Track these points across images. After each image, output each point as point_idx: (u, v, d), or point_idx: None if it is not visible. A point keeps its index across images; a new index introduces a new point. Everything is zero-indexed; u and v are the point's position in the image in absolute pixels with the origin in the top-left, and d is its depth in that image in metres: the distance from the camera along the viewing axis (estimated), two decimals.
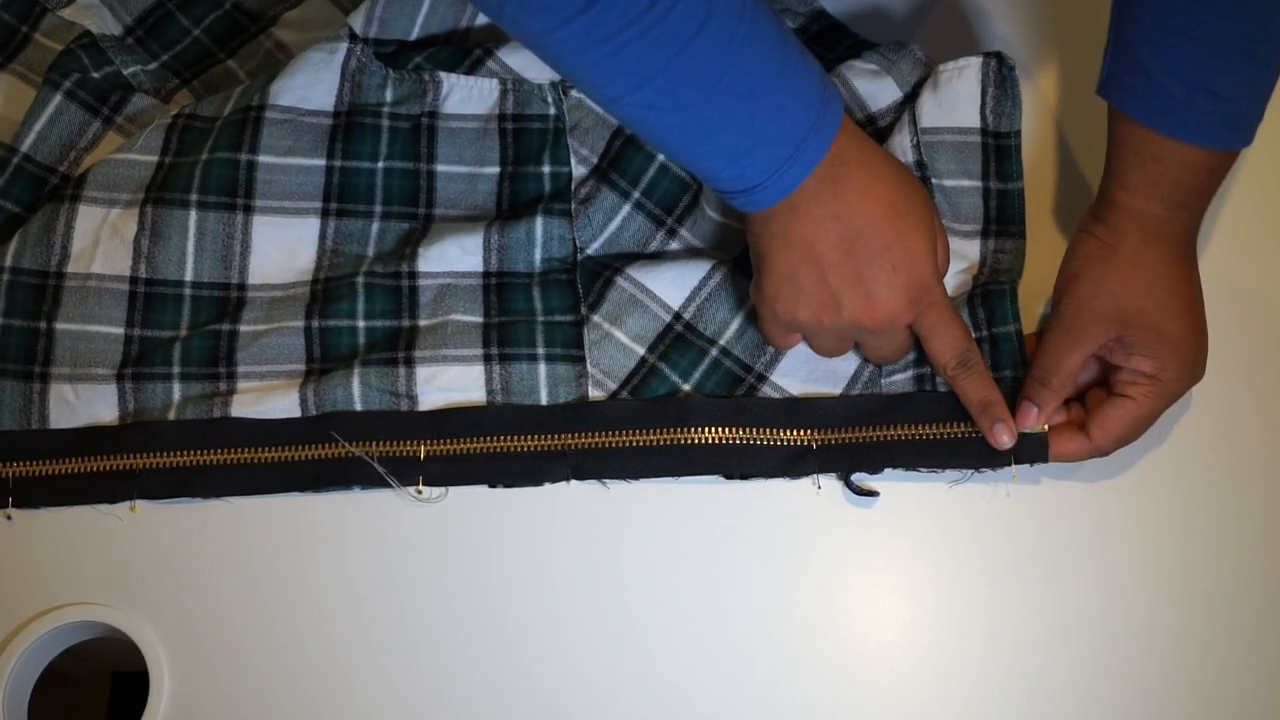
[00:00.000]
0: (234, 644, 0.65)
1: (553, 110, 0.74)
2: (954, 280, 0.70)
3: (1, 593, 0.66)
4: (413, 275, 0.71)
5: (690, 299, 0.70)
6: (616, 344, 0.69)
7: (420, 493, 0.67)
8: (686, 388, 0.69)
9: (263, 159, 0.72)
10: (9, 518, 0.67)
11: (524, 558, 0.66)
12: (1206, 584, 0.66)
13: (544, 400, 0.68)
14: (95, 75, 0.76)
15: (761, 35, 0.57)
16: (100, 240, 0.70)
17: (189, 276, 0.71)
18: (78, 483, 0.67)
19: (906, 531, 0.67)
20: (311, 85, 0.73)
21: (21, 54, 0.79)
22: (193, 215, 0.71)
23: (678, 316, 0.70)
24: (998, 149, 0.71)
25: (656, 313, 0.70)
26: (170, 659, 0.64)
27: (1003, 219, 0.71)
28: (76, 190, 0.71)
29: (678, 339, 0.70)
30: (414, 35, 0.76)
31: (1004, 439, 0.65)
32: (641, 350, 0.69)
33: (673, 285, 0.70)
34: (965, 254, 0.71)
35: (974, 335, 0.67)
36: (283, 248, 0.72)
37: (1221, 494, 0.67)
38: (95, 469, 0.67)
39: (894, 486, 0.67)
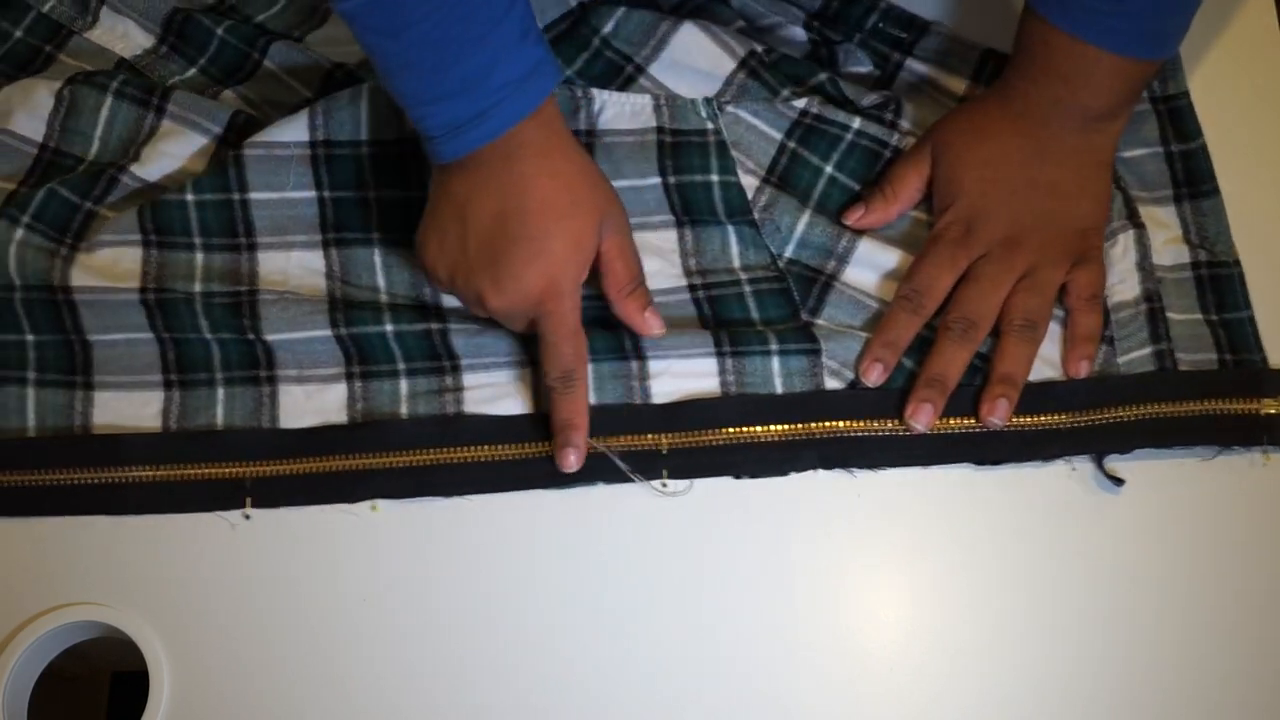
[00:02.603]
0: (234, 644, 0.65)
1: (709, 124, 0.74)
2: (1168, 250, 0.72)
3: (1, 593, 0.66)
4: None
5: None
6: (852, 336, 0.70)
7: (665, 486, 0.67)
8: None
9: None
10: (247, 517, 0.67)
11: (520, 559, 0.66)
12: (1212, 584, 0.66)
13: (779, 390, 0.68)
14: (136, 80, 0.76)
15: (476, 1, 0.60)
16: (291, 256, 0.72)
17: (381, 284, 0.71)
18: (316, 482, 0.67)
19: (907, 530, 0.67)
20: None
21: (45, 74, 0.78)
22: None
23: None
24: (1170, 112, 0.74)
25: (881, 311, 0.70)
26: (170, 659, 0.64)
27: (1192, 179, 0.73)
28: (252, 239, 0.72)
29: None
30: None
31: (570, 461, 0.66)
32: None
33: (884, 280, 0.71)
34: (1164, 221, 0.73)
35: (1205, 319, 0.69)
36: None
37: (1225, 493, 0.67)
38: (333, 468, 0.67)
39: (895, 486, 0.67)
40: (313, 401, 0.69)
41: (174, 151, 0.75)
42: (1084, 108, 0.69)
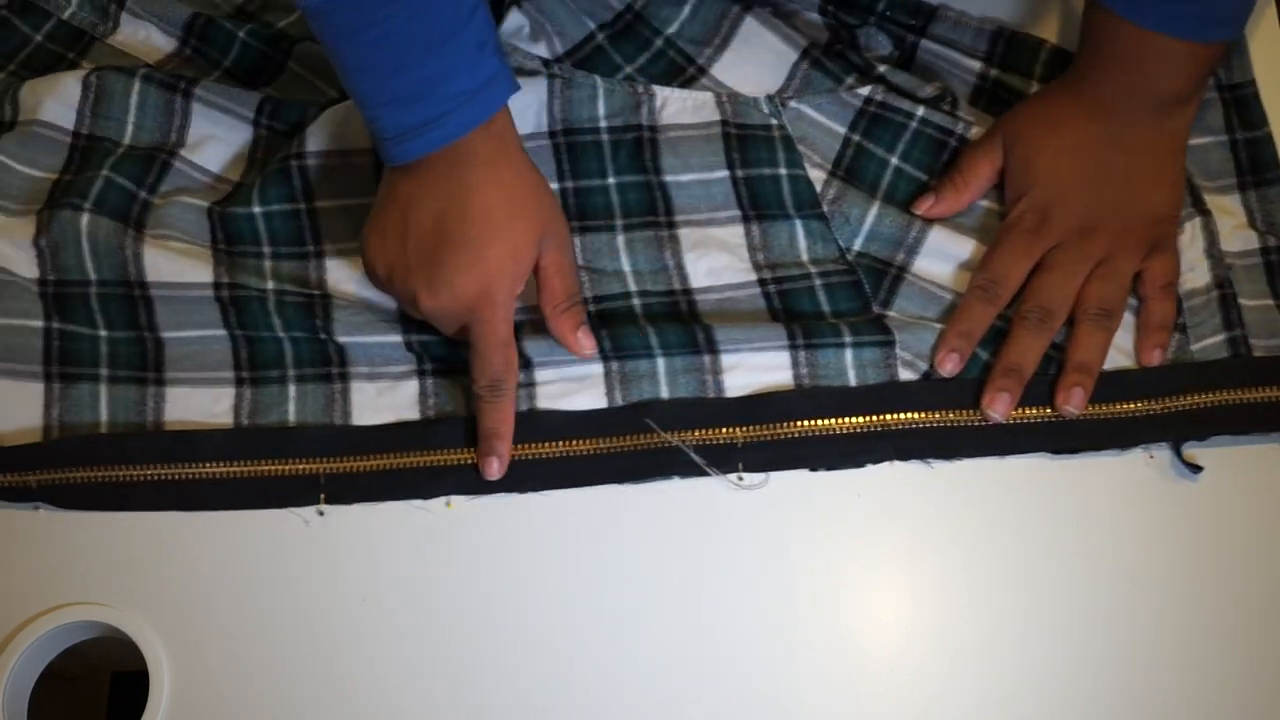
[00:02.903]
0: (234, 644, 0.65)
1: (773, 120, 0.75)
2: (1237, 237, 0.72)
3: (2, 592, 0.66)
4: (687, 292, 0.72)
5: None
6: (925, 327, 0.70)
7: (741, 479, 0.67)
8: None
9: None
10: (321, 513, 0.67)
11: (520, 560, 0.66)
12: (1214, 584, 0.66)
13: (853, 383, 0.68)
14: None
15: (437, 8, 0.61)
16: (359, 262, 0.71)
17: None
18: (390, 479, 0.67)
19: (907, 530, 0.67)
20: (520, 113, 0.73)
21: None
22: None
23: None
24: (1237, 100, 0.74)
25: (954, 302, 0.71)
26: (170, 659, 0.64)
27: (1257, 167, 0.74)
28: (317, 247, 0.72)
29: None
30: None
31: (494, 469, 0.66)
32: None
33: (956, 270, 0.72)
34: (1230, 209, 0.73)
35: (1278, 304, 0.70)
36: None
37: (1229, 493, 0.67)
38: (407, 465, 0.67)
39: (895, 486, 0.67)
40: (385, 398, 0.69)
41: (220, 135, 0.75)
42: (1155, 94, 0.69)
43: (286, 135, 0.76)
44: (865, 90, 0.75)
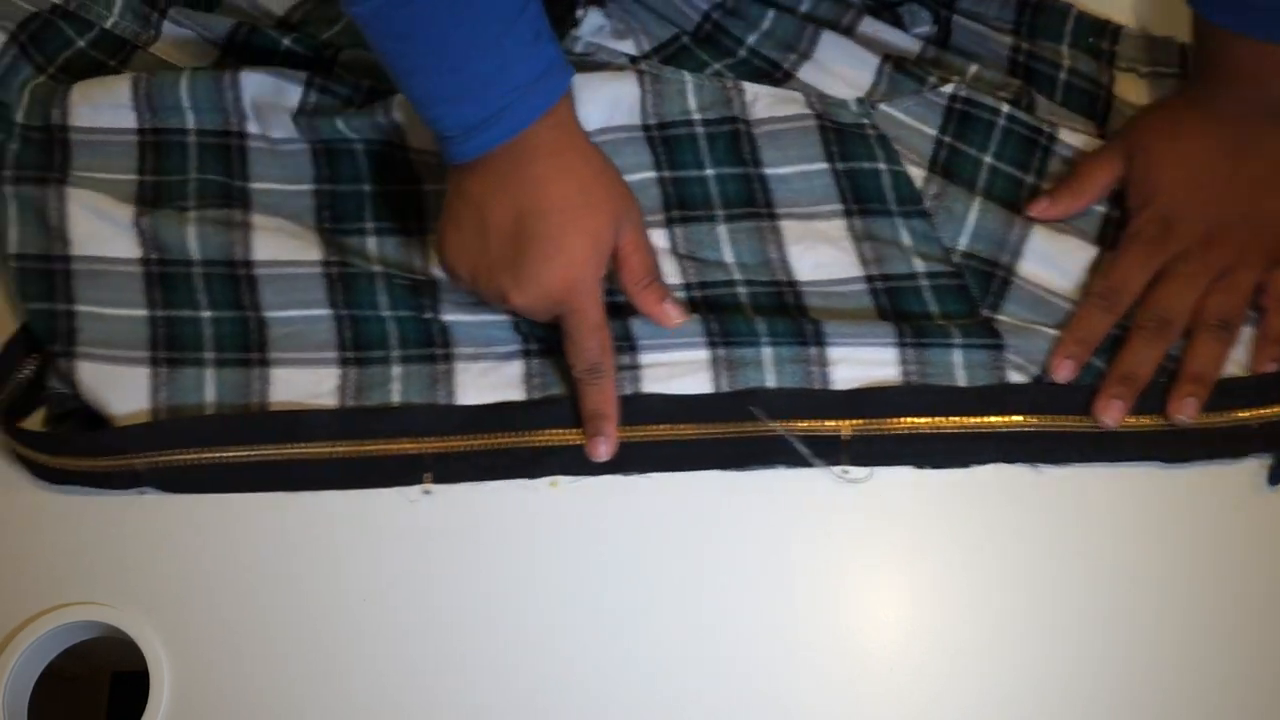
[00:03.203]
0: (234, 644, 0.65)
1: (865, 120, 0.75)
2: None
3: (2, 592, 0.66)
4: (793, 284, 0.71)
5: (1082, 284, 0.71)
6: (1036, 332, 0.69)
7: (845, 473, 0.67)
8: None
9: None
10: (427, 492, 0.67)
11: (519, 560, 0.66)
12: (1214, 584, 0.66)
13: (961, 383, 0.68)
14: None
15: (488, 4, 0.61)
16: None
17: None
18: (496, 458, 0.67)
19: (906, 530, 0.67)
20: (613, 105, 0.74)
21: None
22: None
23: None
24: None
25: (1061, 306, 0.70)
26: (170, 659, 0.64)
27: None
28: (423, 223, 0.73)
29: None
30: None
31: (601, 450, 0.67)
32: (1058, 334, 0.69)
33: (1062, 274, 0.71)
34: None
35: None
36: None
37: (1231, 492, 0.67)
38: (512, 444, 0.67)
39: (895, 486, 0.67)
40: (488, 378, 0.69)
41: (278, 103, 0.75)
42: (1275, 105, 0.69)
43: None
44: (949, 88, 0.75)
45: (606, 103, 0.74)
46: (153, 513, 0.67)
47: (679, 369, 0.68)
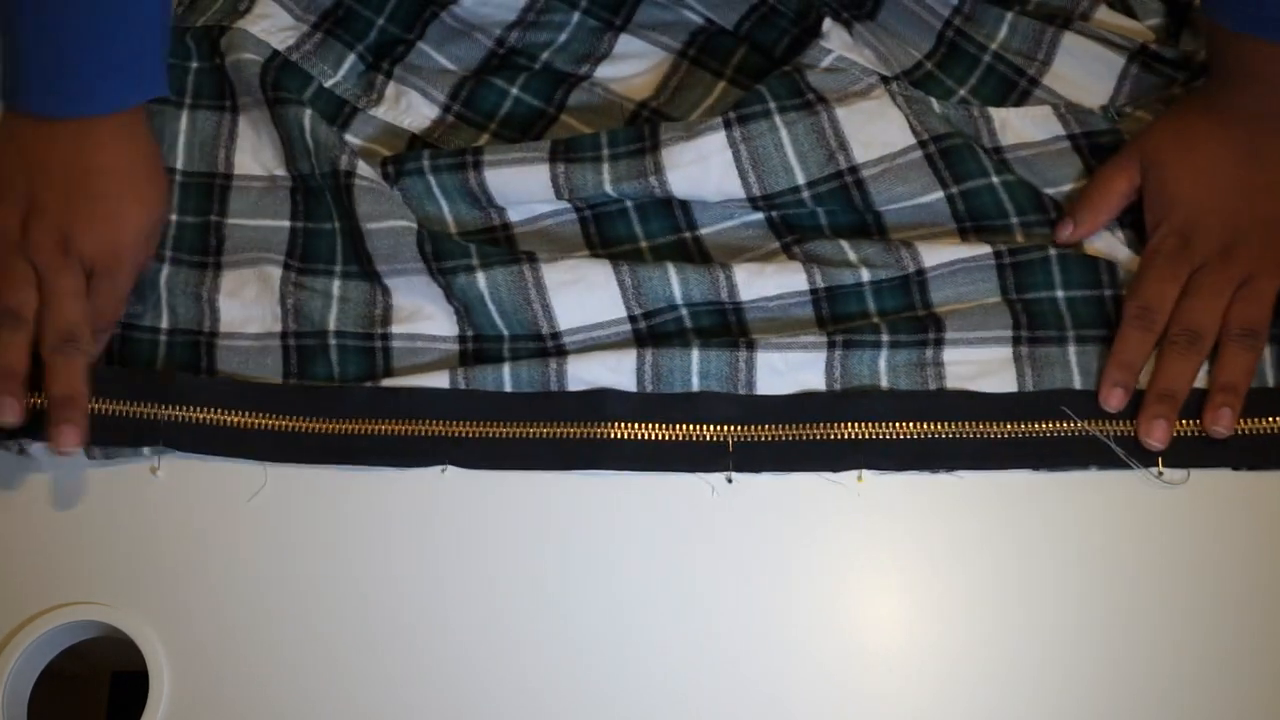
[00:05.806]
0: (234, 644, 0.65)
1: (1118, 126, 0.75)
2: None
3: (2, 592, 0.66)
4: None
5: None
6: None
7: (1160, 474, 0.67)
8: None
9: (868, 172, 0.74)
10: (730, 480, 0.67)
11: (519, 560, 0.66)
12: (1215, 585, 0.66)
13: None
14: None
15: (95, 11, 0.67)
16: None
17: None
18: (797, 449, 0.67)
19: (907, 530, 0.67)
20: (893, 125, 0.75)
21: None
22: None
23: None
24: None
25: None
26: (170, 659, 0.64)
27: None
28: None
29: None
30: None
31: (68, 438, 0.66)
32: None
33: None
34: None
35: None
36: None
37: (1232, 491, 0.67)
38: (815, 436, 0.67)
39: (895, 486, 0.67)
40: (790, 368, 0.69)
41: (533, 194, 0.75)
42: None
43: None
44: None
45: (883, 118, 0.74)
46: (152, 513, 0.67)
47: (984, 366, 0.68)
